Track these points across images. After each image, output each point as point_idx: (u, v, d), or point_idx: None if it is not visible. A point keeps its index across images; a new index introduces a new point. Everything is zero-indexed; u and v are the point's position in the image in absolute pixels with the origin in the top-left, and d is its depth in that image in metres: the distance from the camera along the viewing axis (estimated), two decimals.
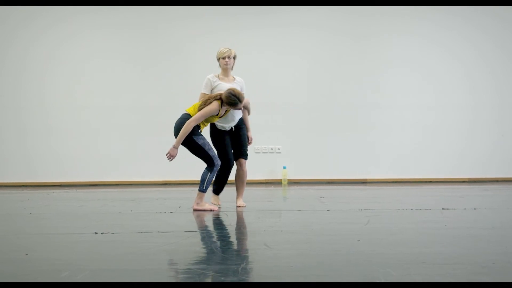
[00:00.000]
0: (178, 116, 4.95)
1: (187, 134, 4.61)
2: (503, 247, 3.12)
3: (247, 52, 8.21)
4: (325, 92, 8.33)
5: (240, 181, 5.08)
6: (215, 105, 4.67)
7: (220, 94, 4.70)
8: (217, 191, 5.14)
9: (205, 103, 4.67)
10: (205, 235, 3.73)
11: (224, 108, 4.71)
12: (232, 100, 4.63)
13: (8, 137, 8.02)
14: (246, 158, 5.04)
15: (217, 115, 4.74)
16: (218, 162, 4.77)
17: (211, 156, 4.74)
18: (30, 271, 2.63)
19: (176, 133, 4.72)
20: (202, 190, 4.79)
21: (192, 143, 4.70)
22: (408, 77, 8.42)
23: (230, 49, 4.97)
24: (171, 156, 4.69)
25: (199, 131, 4.77)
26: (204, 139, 4.74)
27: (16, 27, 8.07)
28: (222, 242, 3.46)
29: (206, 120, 4.76)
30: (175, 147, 4.65)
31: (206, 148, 4.72)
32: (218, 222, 4.24)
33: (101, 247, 3.22)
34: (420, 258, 2.82)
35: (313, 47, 8.33)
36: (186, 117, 4.71)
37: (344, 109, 8.32)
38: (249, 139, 5.11)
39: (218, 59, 5.00)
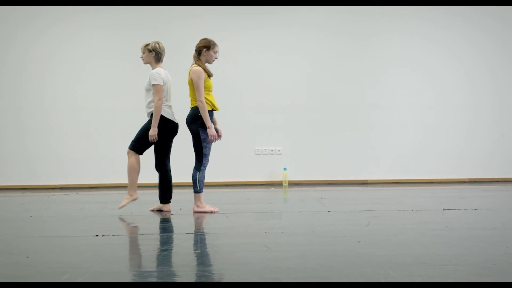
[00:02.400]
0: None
1: (206, 109, 4.67)
2: (504, 248, 3.12)
3: (247, 52, 8.22)
4: (325, 92, 8.32)
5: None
6: (195, 67, 4.87)
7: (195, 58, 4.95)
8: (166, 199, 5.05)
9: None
10: (206, 237, 3.73)
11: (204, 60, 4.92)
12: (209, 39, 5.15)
13: (8, 138, 8.00)
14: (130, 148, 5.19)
15: (209, 76, 4.86)
16: (205, 162, 4.78)
17: (203, 153, 4.75)
18: (31, 274, 2.64)
19: (189, 123, 4.80)
20: (197, 191, 4.80)
21: (197, 134, 4.74)
22: (408, 77, 8.41)
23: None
24: (214, 137, 4.70)
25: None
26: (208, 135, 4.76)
27: (16, 27, 8.06)
28: (223, 243, 3.46)
29: (207, 89, 4.80)
30: (209, 127, 4.66)
31: (203, 144, 4.74)
32: (219, 224, 4.25)
33: (102, 250, 3.22)
34: (421, 259, 2.82)
35: (313, 47, 8.32)
36: (195, 108, 4.77)
37: (344, 109, 8.31)
38: None
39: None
